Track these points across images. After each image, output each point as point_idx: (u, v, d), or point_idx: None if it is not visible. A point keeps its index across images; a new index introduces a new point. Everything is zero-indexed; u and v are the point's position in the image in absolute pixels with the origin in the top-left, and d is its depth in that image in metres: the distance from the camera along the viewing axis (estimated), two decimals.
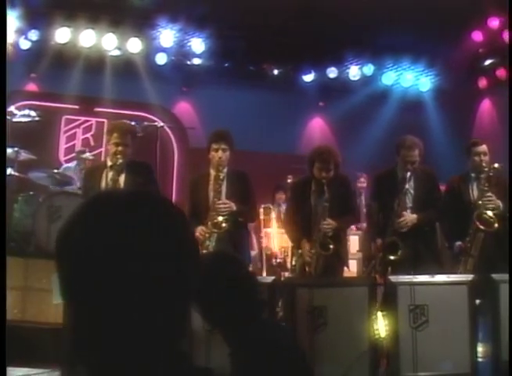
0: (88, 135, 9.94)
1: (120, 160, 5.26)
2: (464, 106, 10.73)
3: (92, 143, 9.31)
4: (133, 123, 6.38)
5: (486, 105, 10.66)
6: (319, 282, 4.78)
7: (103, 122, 10.03)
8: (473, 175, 5.91)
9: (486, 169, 5.65)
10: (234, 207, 5.31)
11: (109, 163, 5.41)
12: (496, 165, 5.62)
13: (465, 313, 4.72)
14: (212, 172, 5.50)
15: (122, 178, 5.34)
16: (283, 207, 8.94)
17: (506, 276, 4.84)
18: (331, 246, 5.29)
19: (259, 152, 10.27)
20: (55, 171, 8.15)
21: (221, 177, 5.37)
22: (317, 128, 11.71)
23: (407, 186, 5.56)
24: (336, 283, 5.09)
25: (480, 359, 4.72)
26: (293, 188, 6.08)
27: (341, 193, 5.56)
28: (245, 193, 5.49)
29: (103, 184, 5.33)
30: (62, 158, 9.69)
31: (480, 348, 4.77)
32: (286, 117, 10.89)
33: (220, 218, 5.24)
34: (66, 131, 9.88)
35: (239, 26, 9.80)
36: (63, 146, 9.82)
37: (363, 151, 10.20)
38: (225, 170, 5.44)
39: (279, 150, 10.67)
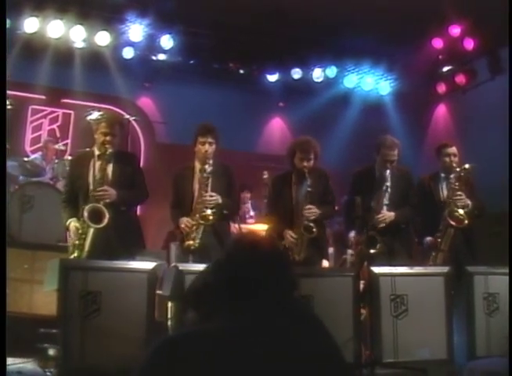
0: (55, 125, 9.85)
1: (110, 150, 5.27)
2: (421, 111, 11.09)
3: (58, 134, 9.20)
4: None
5: (442, 110, 11.04)
6: (304, 271, 4.94)
7: (70, 113, 9.97)
8: (443, 175, 6.23)
9: (458, 169, 5.95)
10: (220, 200, 5.38)
11: (96, 152, 5.37)
12: (467, 166, 5.93)
13: (442, 303, 5.04)
14: (197, 165, 5.58)
15: (110, 168, 5.33)
16: (247, 206, 9.07)
17: (479, 268, 5.21)
18: (314, 229, 5.44)
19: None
20: (26, 159, 8.09)
21: (207, 170, 5.44)
22: (277, 128, 11.83)
23: (387, 184, 5.80)
24: (321, 273, 5.30)
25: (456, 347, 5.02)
26: (274, 182, 6.13)
27: (321, 183, 5.73)
28: (229, 186, 5.61)
29: (90, 173, 5.32)
30: (28, 148, 9.57)
31: (455, 337, 5.06)
32: (247, 116, 10.94)
33: (208, 211, 5.31)
34: (32, 122, 9.76)
35: (206, 24, 9.83)
36: (29, 136, 9.71)
37: (322, 153, 10.32)
38: (211, 162, 5.52)
39: (237, 148, 10.72)
